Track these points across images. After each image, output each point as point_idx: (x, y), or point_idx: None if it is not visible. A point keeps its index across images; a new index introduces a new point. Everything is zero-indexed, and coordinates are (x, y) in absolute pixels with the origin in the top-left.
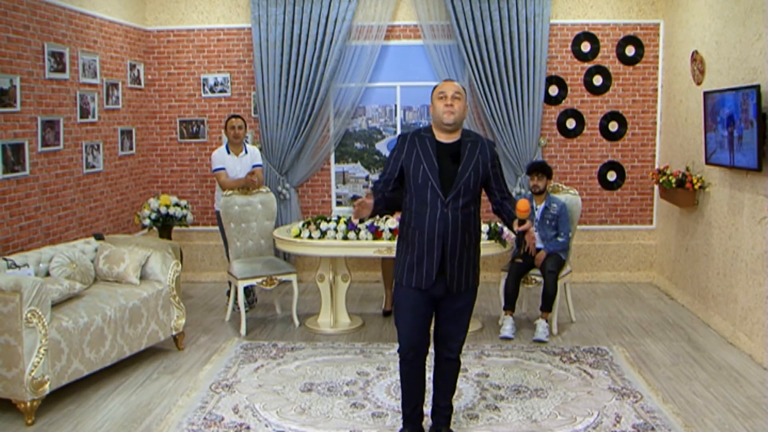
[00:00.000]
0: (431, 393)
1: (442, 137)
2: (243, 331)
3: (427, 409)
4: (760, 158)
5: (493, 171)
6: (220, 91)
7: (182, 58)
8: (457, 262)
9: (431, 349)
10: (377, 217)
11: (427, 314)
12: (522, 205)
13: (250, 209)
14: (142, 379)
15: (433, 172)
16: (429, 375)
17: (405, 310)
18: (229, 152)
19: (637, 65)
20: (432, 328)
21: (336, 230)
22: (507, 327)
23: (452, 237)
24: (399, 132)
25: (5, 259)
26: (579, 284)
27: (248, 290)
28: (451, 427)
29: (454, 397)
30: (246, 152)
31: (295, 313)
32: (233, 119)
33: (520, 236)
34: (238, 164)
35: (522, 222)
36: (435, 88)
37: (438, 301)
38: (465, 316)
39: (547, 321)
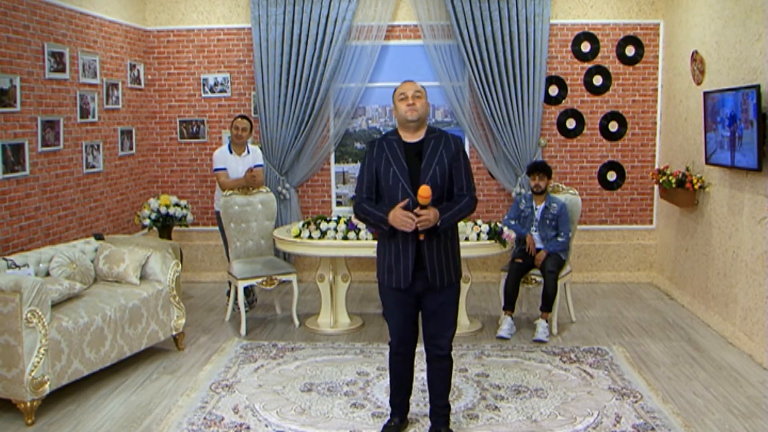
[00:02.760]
0: (427, 394)
1: (408, 137)
2: (243, 331)
3: (426, 409)
4: (760, 158)
5: (455, 165)
6: (220, 91)
7: (182, 58)
8: (436, 257)
9: (422, 348)
10: None
11: (413, 309)
12: (422, 191)
13: (250, 209)
14: (142, 379)
15: (403, 173)
16: (422, 375)
17: (391, 308)
18: (231, 152)
19: (637, 65)
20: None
21: (336, 230)
22: (504, 327)
23: (427, 234)
24: None
25: (5, 259)
26: (579, 284)
27: (248, 290)
28: (451, 427)
29: (454, 397)
30: (248, 152)
31: (295, 313)
32: (239, 120)
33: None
34: (240, 164)
35: (423, 207)
36: (395, 90)
37: (420, 297)
38: (450, 312)
39: (547, 321)
